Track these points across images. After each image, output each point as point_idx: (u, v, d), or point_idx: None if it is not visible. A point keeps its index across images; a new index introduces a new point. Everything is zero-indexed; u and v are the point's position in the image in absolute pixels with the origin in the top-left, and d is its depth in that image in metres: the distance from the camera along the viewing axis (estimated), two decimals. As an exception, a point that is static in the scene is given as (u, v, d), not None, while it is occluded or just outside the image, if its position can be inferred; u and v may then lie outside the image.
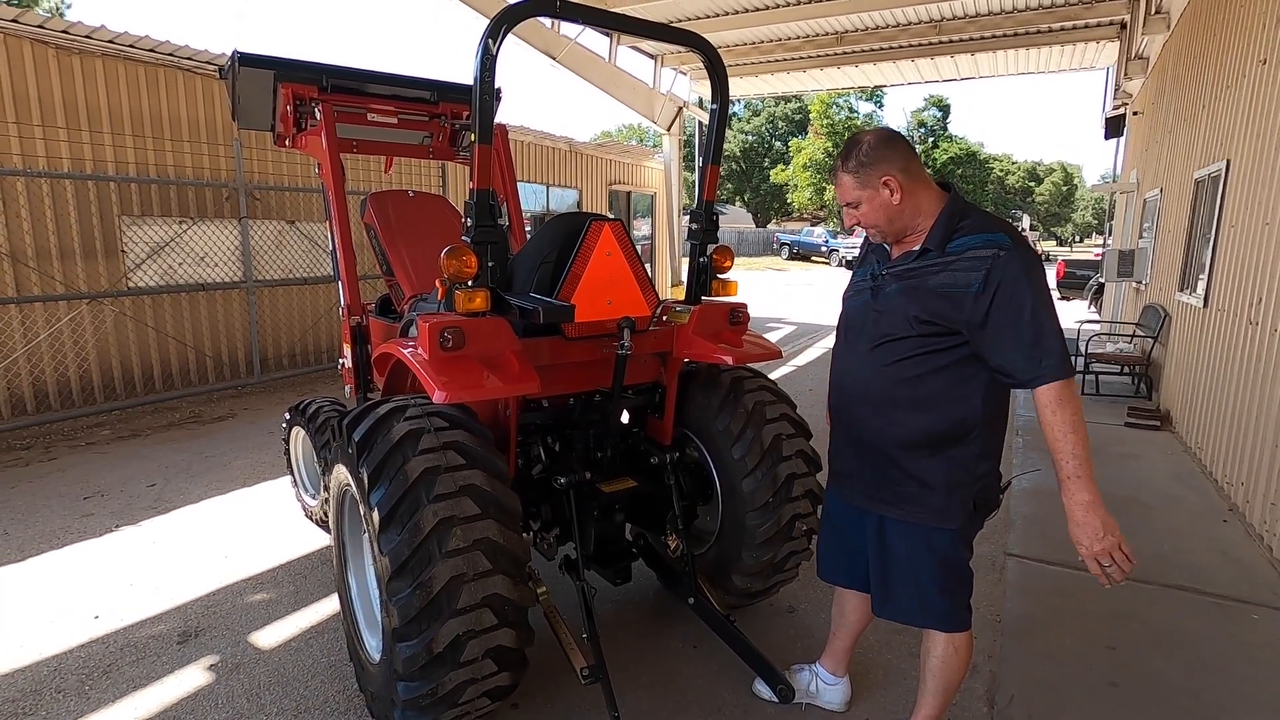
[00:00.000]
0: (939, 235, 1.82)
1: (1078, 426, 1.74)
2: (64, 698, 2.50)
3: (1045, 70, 13.01)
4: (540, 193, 12.25)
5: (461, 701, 1.99)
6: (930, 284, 1.80)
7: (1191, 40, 6.79)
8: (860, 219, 1.92)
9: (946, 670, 2.04)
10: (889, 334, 1.89)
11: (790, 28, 11.37)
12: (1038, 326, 1.70)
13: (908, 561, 1.98)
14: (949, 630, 2.01)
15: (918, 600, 1.99)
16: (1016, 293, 1.70)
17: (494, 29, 2.04)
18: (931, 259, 1.82)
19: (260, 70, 3.45)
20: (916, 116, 41.43)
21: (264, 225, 7.30)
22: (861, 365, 1.96)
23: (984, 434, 1.88)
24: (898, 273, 1.90)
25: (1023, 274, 1.71)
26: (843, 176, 1.90)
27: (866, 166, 1.85)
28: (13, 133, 5.50)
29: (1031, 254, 1.76)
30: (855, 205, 1.90)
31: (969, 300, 1.73)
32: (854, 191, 1.88)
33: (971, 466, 1.88)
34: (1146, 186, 8.97)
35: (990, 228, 1.78)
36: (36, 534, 3.80)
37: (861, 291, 2.01)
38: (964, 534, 1.96)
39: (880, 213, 1.87)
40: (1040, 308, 1.71)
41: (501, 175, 3.88)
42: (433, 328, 2.12)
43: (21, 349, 5.67)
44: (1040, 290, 1.72)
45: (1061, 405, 1.73)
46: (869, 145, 1.86)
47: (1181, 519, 4.11)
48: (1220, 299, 4.96)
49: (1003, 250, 1.72)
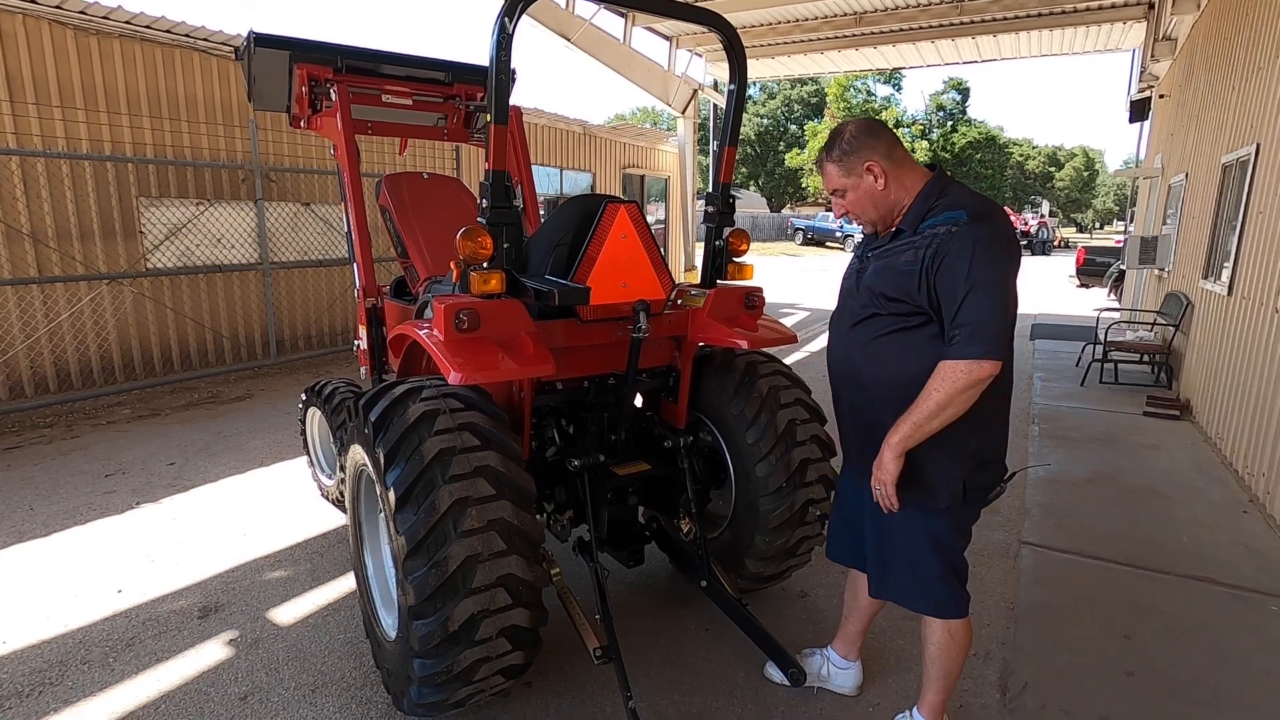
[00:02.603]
0: (912, 216, 1.86)
1: (939, 407, 1.74)
2: (89, 669, 2.56)
3: (1069, 52, 12.74)
4: (554, 176, 12.21)
5: (476, 679, 2.01)
6: (898, 262, 1.83)
7: (1222, 21, 6.61)
8: (847, 207, 1.95)
9: (944, 657, 2.05)
10: (864, 312, 1.93)
11: (808, 8, 11.19)
12: (966, 299, 1.70)
13: (904, 542, 1.99)
14: (943, 617, 2.01)
15: (914, 583, 2.00)
16: (956, 265, 1.71)
17: (510, 8, 2.02)
18: (905, 238, 1.86)
19: (276, 51, 3.44)
20: (935, 99, 40.77)
21: (280, 207, 7.34)
22: (845, 343, 2.01)
23: (971, 414, 1.78)
24: (877, 253, 1.94)
25: (967, 248, 1.70)
26: (827, 166, 1.93)
27: (849, 155, 1.88)
28: (33, 114, 5.55)
29: (991, 230, 1.73)
30: (842, 193, 1.94)
31: (919, 276, 1.77)
32: (839, 179, 1.92)
33: (958, 446, 1.85)
34: (1171, 171, 8.79)
35: (957, 205, 1.78)
36: (60, 510, 3.87)
37: (850, 275, 2.06)
38: (958, 519, 1.95)
39: (866, 199, 1.90)
40: (978, 284, 1.69)
41: (516, 157, 3.86)
42: (448, 309, 2.12)
43: (44, 328, 5.76)
44: (984, 265, 1.69)
45: (944, 379, 1.73)
46: (851, 134, 1.90)
47: (1201, 510, 4.06)
48: (1245, 287, 4.86)
49: (956, 225, 1.74)
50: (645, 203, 15.04)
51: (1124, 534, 3.73)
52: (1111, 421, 5.80)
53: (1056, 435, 5.38)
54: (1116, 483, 4.46)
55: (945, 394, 1.74)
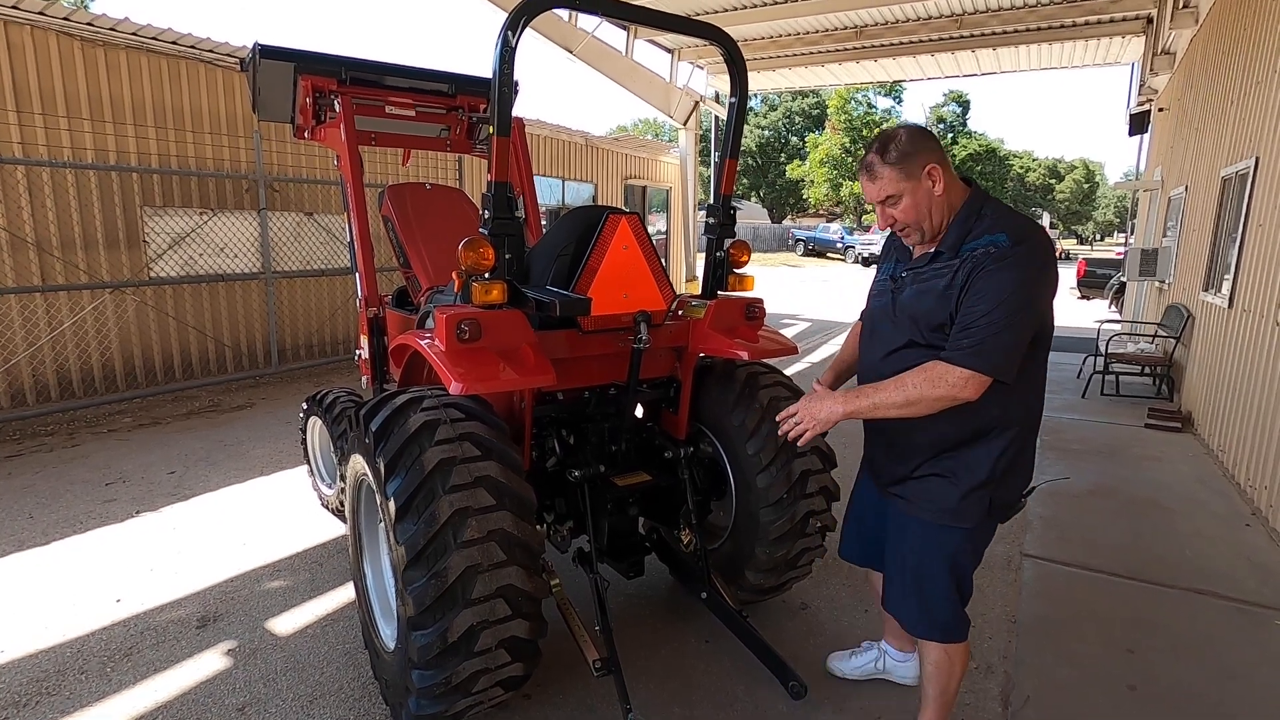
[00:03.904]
0: (952, 238, 1.79)
1: (908, 401, 1.75)
2: (86, 678, 2.55)
3: (1069, 65, 12.81)
4: (556, 186, 12.26)
5: (475, 691, 2.00)
6: (938, 287, 1.78)
7: (1220, 35, 6.65)
8: (899, 215, 1.82)
9: (941, 676, 2.04)
10: (901, 340, 1.88)
11: (809, 21, 11.28)
12: (987, 315, 1.68)
13: (917, 566, 1.98)
14: (946, 642, 2.01)
15: (921, 610, 2.00)
16: (987, 285, 1.68)
17: (513, 21, 2.04)
18: (944, 260, 1.80)
19: (281, 63, 3.47)
20: (936, 112, 40.99)
21: (283, 217, 7.37)
22: (878, 369, 1.95)
23: (1005, 435, 1.84)
24: (914, 274, 1.87)
25: (1002, 270, 1.68)
26: (883, 169, 1.79)
27: (910, 156, 1.76)
28: (39, 124, 5.59)
29: (1030, 254, 1.69)
30: (896, 200, 1.80)
31: (955, 299, 1.74)
32: (896, 184, 1.78)
33: (992, 466, 1.85)
34: (1171, 184, 8.82)
35: (997, 227, 1.74)
36: (60, 518, 3.87)
37: (883, 293, 1.99)
38: (975, 537, 1.94)
39: (922, 205, 1.79)
40: (1003, 304, 1.66)
41: (518, 168, 3.88)
42: (450, 319, 2.13)
43: (46, 336, 5.77)
44: (1014, 288, 1.67)
45: (929, 379, 1.72)
46: (907, 136, 1.79)
47: (1204, 523, 4.04)
48: (1246, 299, 4.86)
49: (995, 248, 1.70)
50: (647, 213, 15.09)
51: (1126, 547, 3.72)
52: (1113, 434, 5.78)
53: (1058, 447, 5.36)
54: (1118, 495, 4.44)
55: (921, 393, 1.73)
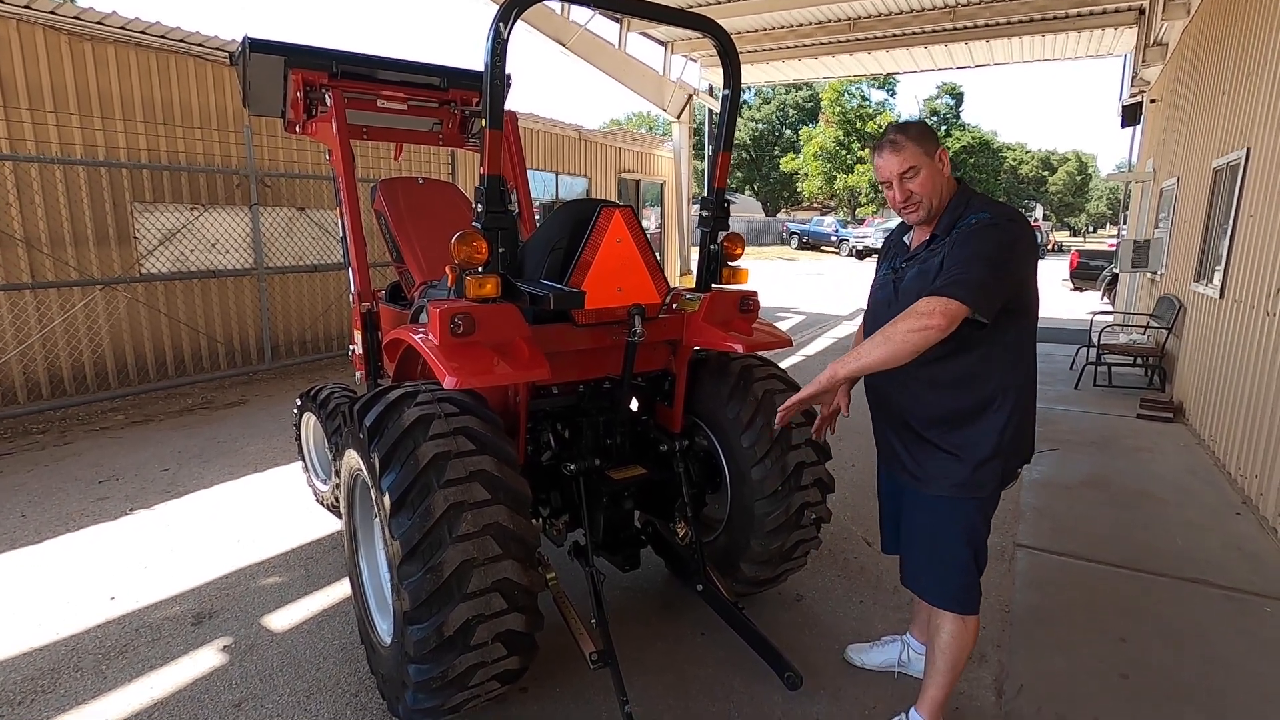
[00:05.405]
0: (944, 223, 1.97)
1: (886, 340, 1.82)
2: (81, 676, 2.54)
3: (1061, 57, 12.83)
4: (549, 180, 12.22)
5: (471, 684, 2.00)
6: (933, 264, 1.92)
7: (1212, 26, 6.66)
8: (915, 188, 1.97)
9: (955, 647, 2.10)
10: None
11: (802, 14, 11.25)
12: (964, 260, 1.81)
13: (933, 538, 2.06)
14: (964, 613, 2.08)
15: (937, 579, 2.08)
16: (966, 241, 1.84)
17: (505, 13, 2.03)
18: (938, 242, 1.96)
19: (271, 56, 3.44)
20: (929, 104, 40.96)
21: (274, 212, 7.32)
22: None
23: (1008, 404, 1.95)
24: (913, 262, 2.02)
25: (982, 231, 1.83)
26: (907, 144, 1.96)
27: (928, 136, 1.98)
28: (26, 119, 5.53)
29: (1010, 224, 1.85)
30: (915, 172, 1.96)
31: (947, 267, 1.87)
32: (919, 156, 1.95)
33: (998, 437, 1.95)
34: (1163, 175, 8.85)
35: (981, 210, 1.91)
36: (53, 516, 3.85)
37: (885, 286, 2.11)
38: (986, 507, 2.04)
39: (934, 181, 1.97)
40: (980, 254, 1.80)
41: (511, 162, 3.87)
42: (443, 313, 2.12)
43: (37, 334, 5.73)
44: (992, 244, 1.81)
45: (903, 315, 1.80)
46: (921, 123, 2.04)
47: (1194, 512, 4.07)
48: (1237, 290, 4.89)
49: (978, 221, 1.87)
50: (641, 207, 15.06)
51: (1118, 537, 3.74)
52: (1105, 424, 5.82)
53: (1050, 438, 5.39)
54: (1111, 485, 4.47)
55: (892, 328, 1.81)
